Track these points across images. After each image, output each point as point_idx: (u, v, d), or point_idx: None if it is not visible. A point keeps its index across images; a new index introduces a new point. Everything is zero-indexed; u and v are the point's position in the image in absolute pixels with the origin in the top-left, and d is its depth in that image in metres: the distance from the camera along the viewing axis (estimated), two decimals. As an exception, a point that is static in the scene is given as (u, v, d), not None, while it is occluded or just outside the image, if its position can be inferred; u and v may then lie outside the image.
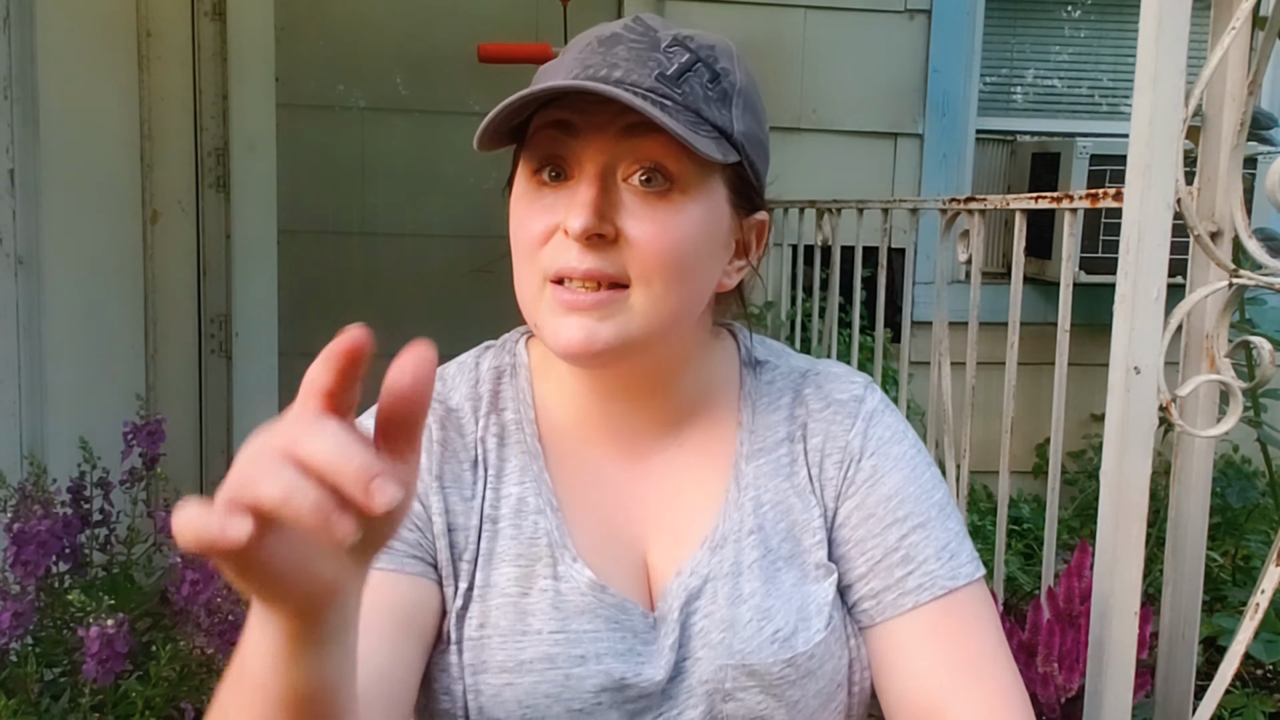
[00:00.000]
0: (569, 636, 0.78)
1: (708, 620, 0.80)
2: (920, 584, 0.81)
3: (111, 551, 1.62)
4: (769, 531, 0.83)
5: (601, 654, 0.78)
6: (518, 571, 0.80)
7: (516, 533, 0.81)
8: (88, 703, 1.33)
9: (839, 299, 2.69)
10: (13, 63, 1.77)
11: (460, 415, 0.84)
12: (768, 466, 0.85)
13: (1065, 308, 1.48)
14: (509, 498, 0.82)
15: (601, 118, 0.74)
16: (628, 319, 0.75)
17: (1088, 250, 2.90)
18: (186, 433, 2.66)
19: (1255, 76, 0.99)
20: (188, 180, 2.65)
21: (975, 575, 0.83)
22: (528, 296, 0.78)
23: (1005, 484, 1.71)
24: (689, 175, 0.76)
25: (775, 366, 0.90)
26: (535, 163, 0.77)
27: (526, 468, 0.83)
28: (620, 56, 0.75)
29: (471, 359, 0.89)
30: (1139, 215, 0.91)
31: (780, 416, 0.87)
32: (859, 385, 0.88)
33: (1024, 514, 2.96)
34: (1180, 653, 1.11)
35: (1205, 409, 1.07)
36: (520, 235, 0.78)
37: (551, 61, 0.80)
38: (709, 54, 0.78)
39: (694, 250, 0.77)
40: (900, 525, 0.83)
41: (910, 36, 3.11)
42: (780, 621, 0.80)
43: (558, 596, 0.79)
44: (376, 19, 3.01)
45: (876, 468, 0.84)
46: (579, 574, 0.79)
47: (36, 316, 1.85)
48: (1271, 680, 2.23)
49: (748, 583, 0.81)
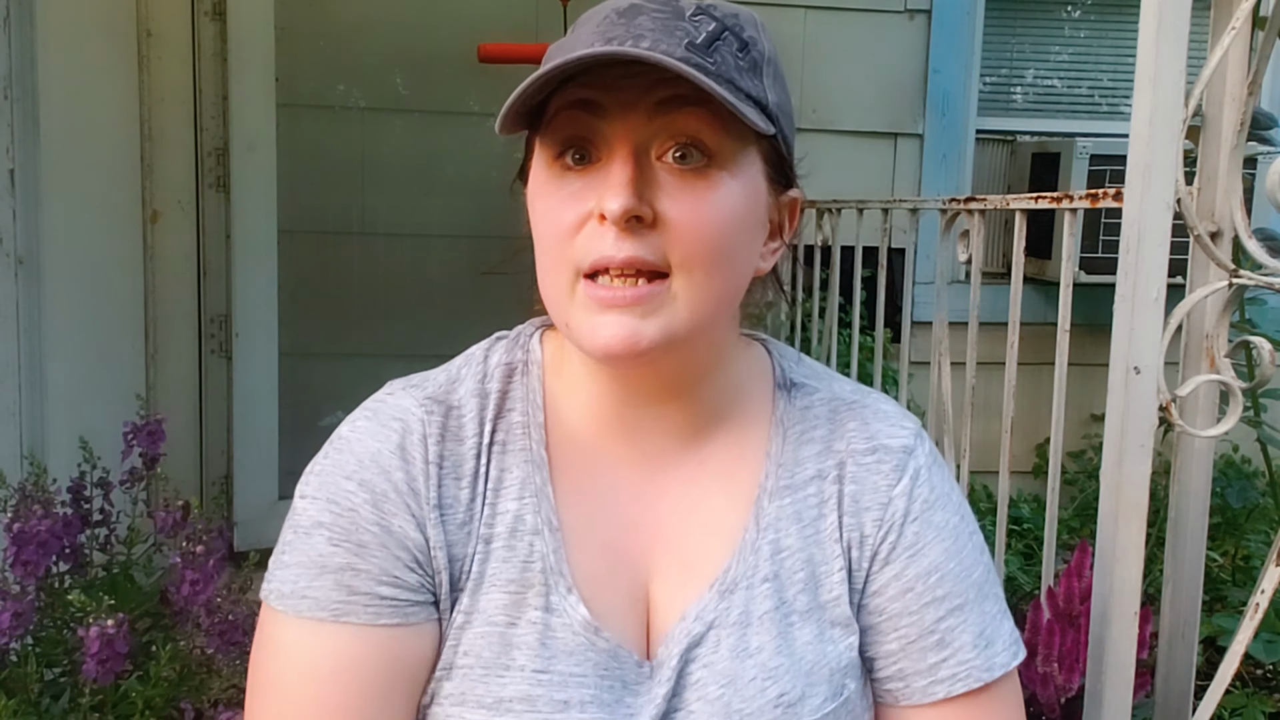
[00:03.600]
0: (553, 678, 0.71)
1: (706, 671, 0.74)
2: (954, 674, 0.76)
3: (111, 551, 1.62)
4: (785, 581, 0.76)
5: (586, 702, 0.71)
6: (507, 599, 0.73)
7: (509, 554, 0.74)
8: (88, 703, 1.33)
9: (839, 299, 2.69)
10: (13, 63, 1.77)
11: (462, 416, 0.77)
12: (792, 507, 0.78)
13: (1065, 308, 1.48)
14: (505, 515, 0.75)
15: (630, 93, 0.68)
16: (672, 313, 0.69)
17: (1088, 250, 2.90)
18: (187, 433, 2.66)
19: (1255, 76, 0.99)
20: (188, 180, 2.65)
21: (1010, 665, 0.78)
22: (557, 294, 0.71)
23: (1005, 484, 1.71)
24: (727, 150, 0.70)
25: (814, 390, 0.83)
26: (558, 146, 0.70)
27: (528, 480, 0.76)
28: (645, 27, 0.68)
29: (481, 352, 0.82)
30: (1139, 215, 0.91)
31: (813, 451, 0.80)
32: (909, 433, 0.80)
33: (1024, 514, 2.96)
34: (1180, 653, 1.11)
35: (1205, 409, 1.07)
36: (547, 227, 0.71)
37: (562, 39, 0.73)
38: (735, 22, 0.71)
39: (736, 231, 0.71)
40: (938, 606, 0.76)
41: (910, 36, 3.11)
42: (787, 684, 0.73)
43: (546, 631, 0.72)
44: (376, 19, 3.01)
45: (919, 536, 0.77)
46: (573, 610, 0.73)
47: (36, 316, 1.85)
48: (1271, 680, 2.22)
49: (756, 635, 0.74)
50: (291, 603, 0.71)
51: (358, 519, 0.72)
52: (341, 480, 0.73)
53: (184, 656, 1.42)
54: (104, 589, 1.48)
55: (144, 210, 2.55)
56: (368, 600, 0.71)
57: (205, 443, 2.75)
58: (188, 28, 2.61)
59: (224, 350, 2.72)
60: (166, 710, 1.41)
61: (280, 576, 0.73)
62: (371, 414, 0.77)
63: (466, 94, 3.01)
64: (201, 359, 2.72)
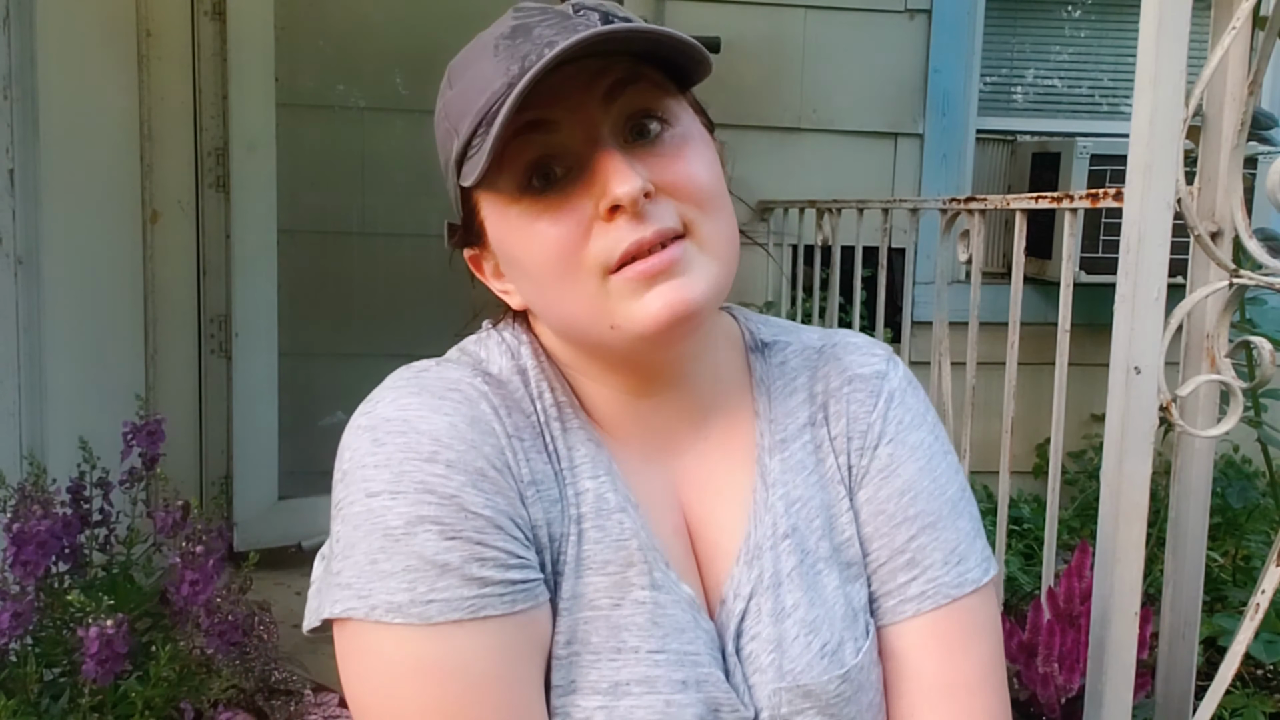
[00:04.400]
0: (670, 657, 0.69)
1: (755, 642, 0.73)
2: (923, 591, 0.76)
3: (111, 552, 1.62)
4: (804, 531, 0.77)
5: (703, 680, 0.70)
6: (607, 581, 0.70)
7: (601, 535, 0.71)
8: (87, 703, 1.33)
9: (839, 299, 2.69)
10: (12, 63, 1.77)
11: (513, 390, 0.73)
12: (793, 458, 0.79)
13: (1065, 308, 1.48)
14: (587, 494, 0.72)
15: (575, 95, 0.68)
16: (708, 266, 0.69)
17: (1088, 250, 2.90)
18: (186, 433, 2.66)
19: (1255, 76, 0.99)
20: (188, 180, 2.65)
21: (982, 580, 0.78)
22: (584, 310, 0.69)
23: (1005, 484, 1.71)
24: (674, 111, 0.71)
25: (785, 345, 0.83)
26: (520, 176, 0.69)
27: (596, 458, 0.73)
28: (546, 36, 0.67)
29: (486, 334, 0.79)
30: (1139, 215, 0.91)
31: (798, 400, 0.81)
32: (880, 359, 0.82)
33: (1024, 514, 2.95)
34: (1180, 653, 1.11)
35: (1205, 409, 1.07)
36: (549, 248, 0.68)
37: (459, 87, 0.71)
38: (607, 6, 0.71)
39: (716, 177, 0.72)
40: (910, 525, 0.77)
41: (910, 36, 3.11)
42: (827, 634, 0.74)
43: (657, 610, 0.70)
44: (376, 19, 3.01)
45: (893, 456, 0.78)
46: (676, 586, 0.71)
47: (36, 316, 1.85)
48: (1272, 680, 2.22)
49: (789, 593, 0.75)
50: (417, 610, 0.63)
51: (463, 504, 0.65)
52: (424, 465, 0.65)
53: (183, 657, 1.42)
54: (103, 589, 1.48)
55: (144, 210, 2.55)
56: (503, 588, 0.65)
57: (205, 443, 2.75)
58: (187, 28, 2.61)
59: (224, 350, 2.72)
60: (166, 710, 1.41)
61: (386, 587, 0.64)
62: (418, 389, 0.69)
63: (466, 94, 3.00)
64: (201, 359, 2.72)
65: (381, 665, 0.65)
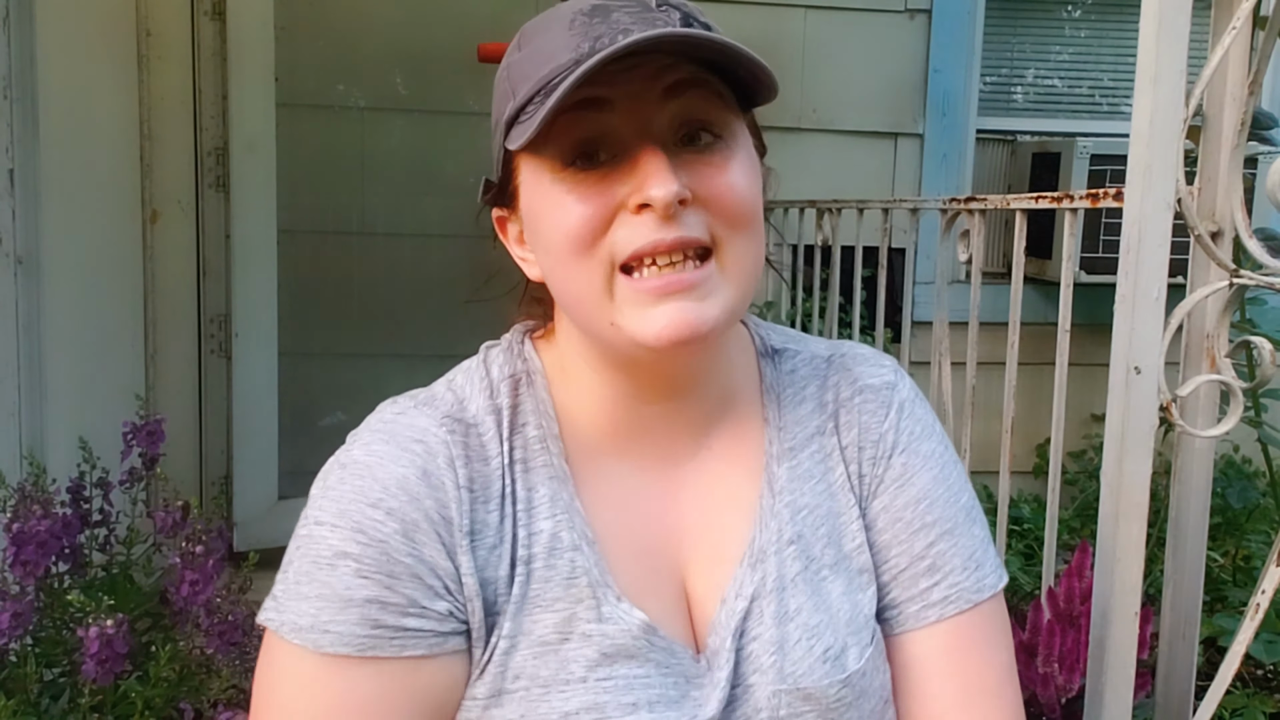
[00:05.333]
0: (618, 683, 0.71)
1: (756, 644, 0.75)
2: (946, 596, 0.77)
3: (111, 552, 1.62)
4: (809, 539, 0.77)
5: (654, 701, 0.71)
6: (556, 617, 0.72)
7: (551, 574, 0.73)
8: (87, 703, 1.33)
9: (839, 299, 2.69)
10: (12, 63, 1.77)
11: (483, 434, 0.75)
12: (801, 466, 0.79)
13: (1065, 308, 1.48)
14: (540, 534, 0.74)
15: (636, 85, 0.68)
16: (726, 291, 0.69)
17: (1088, 250, 2.90)
18: (186, 433, 2.66)
19: (1255, 76, 0.99)
20: (187, 180, 2.64)
21: (999, 586, 0.80)
22: (590, 297, 0.70)
23: (1005, 484, 1.70)
24: (730, 125, 0.71)
25: (795, 353, 0.84)
26: (566, 153, 0.69)
27: (556, 496, 0.75)
28: (623, 22, 0.68)
29: (479, 364, 0.80)
30: (1139, 215, 0.91)
31: (808, 409, 0.81)
32: (889, 370, 0.83)
33: (1024, 514, 2.95)
34: (1181, 653, 1.11)
35: (1206, 409, 1.07)
36: (569, 230, 0.68)
37: (526, 51, 0.72)
38: (690, 8, 0.72)
39: (757, 198, 0.72)
40: (928, 532, 0.78)
41: (910, 36, 3.11)
42: (830, 639, 0.75)
43: (605, 641, 0.72)
44: (376, 19, 3.01)
45: (907, 466, 0.79)
46: (627, 615, 0.72)
47: (36, 316, 1.85)
48: (1272, 680, 2.22)
49: (793, 598, 0.76)
50: (312, 637, 0.68)
51: (388, 550, 0.69)
52: (367, 509, 0.70)
53: (183, 657, 1.42)
54: (103, 589, 1.48)
55: (144, 210, 2.55)
56: (394, 633, 0.68)
57: (205, 443, 2.75)
58: (187, 28, 2.61)
59: (224, 350, 2.72)
60: (166, 710, 1.41)
61: (297, 609, 0.69)
62: (387, 436, 0.73)
63: (466, 94, 3.00)
64: (201, 359, 2.72)
65: (278, 676, 0.70)
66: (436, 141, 3.06)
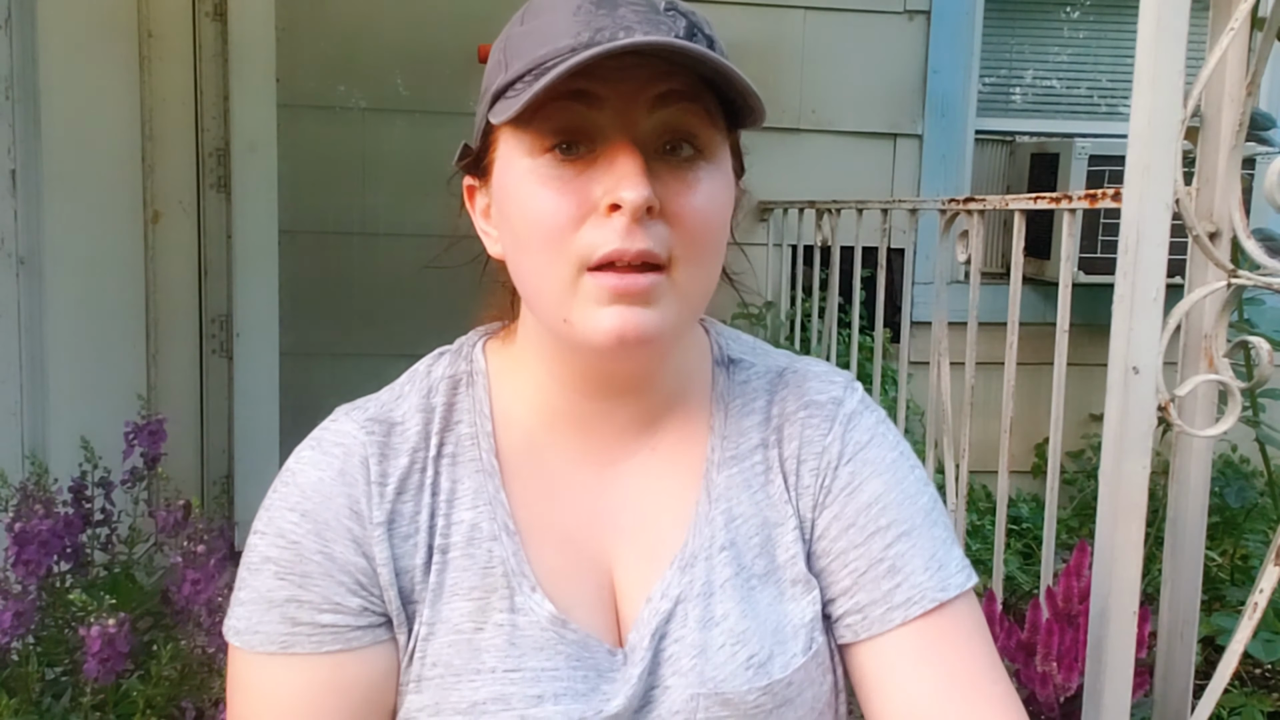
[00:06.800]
0: (525, 675, 0.72)
1: (678, 645, 0.75)
2: (909, 597, 0.76)
3: (113, 551, 1.62)
4: (742, 547, 0.78)
5: (560, 694, 0.72)
6: (471, 606, 0.74)
7: (469, 563, 0.74)
8: (89, 702, 1.33)
9: (839, 299, 2.69)
10: (14, 63, 1.77)
11: (406, 431, 0.78)
12: (740, 476, 0.80)
13: (1064, 308, 1.49)
14: (460, 524, 0.75)
15: (629, 85, 0.67)
16: (670, 304, 0.70)
17: (1087, 250, 2.90)
18: (188, 432, 2.66)
19: (1254, 77, 0.99)
20: (189, 180, 2.65)
21: (965, 586, 0.77)
22: (555, 289, 0.70)
23: (1004, 484, 1.71)
24: (713, 143, 0.71)
25: (750, 365, 0.84)
26: (549, 138, 0.69)
27: (480, 489, 0.76)
28: (628, 19, 0.67)
29: (424, 366, 0.83)
30: (1138, 215, 0.91)
31: (754, 421, 0.82)
32: (838, 385, 0.83)
33: (1023, 514, 2.96)
34: (1179, 652, 1.11)
35: (1204, 409, 1.08)
36: (543, 218, 0.69)
37: (528, 26, 0.71)
38: (698, 19, 0.71)
39: (724, 223, 0.73)
40: (884, 534, 0.77)
41: (910, 37, 3.12)
42: (755, 646, 0.75)
43: (514, 631, 0.73)
44: (376, 19, 3.01)
45: (855, 474, 0.79)
46: (538, 606, 0.73)
47: (38, 316, 1.86)
48: (1270, 679, 2.23)
49: (720, 604, 0.76)
50: (246, 638, 0.73)
51: (301, 550, 0.73)
52: (286, 513, 0.75)
53: (185, 656, 1.42)
54: (105, 588, 1.48)
55: (145, 210, 2.55)
56: (310, 630, 0.72)
57: (206, 442, 2.75)
58: (189, 28, 2.62)
59: (225, 350, 2.73)
60: (168, 709, 1.41)
61: (236, 613, 0.74)
62: (315, 444, 0.78)
63: (466, 94, 2.99)
64: (202, 359, 2.72)
65: (230, 675, 0.76)
66: (437, 142, 3.05)
